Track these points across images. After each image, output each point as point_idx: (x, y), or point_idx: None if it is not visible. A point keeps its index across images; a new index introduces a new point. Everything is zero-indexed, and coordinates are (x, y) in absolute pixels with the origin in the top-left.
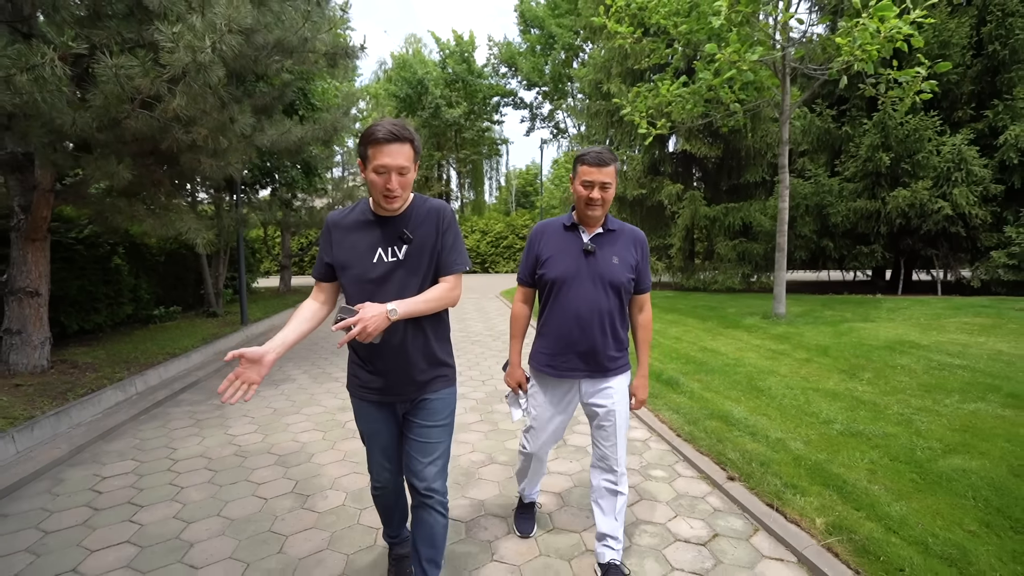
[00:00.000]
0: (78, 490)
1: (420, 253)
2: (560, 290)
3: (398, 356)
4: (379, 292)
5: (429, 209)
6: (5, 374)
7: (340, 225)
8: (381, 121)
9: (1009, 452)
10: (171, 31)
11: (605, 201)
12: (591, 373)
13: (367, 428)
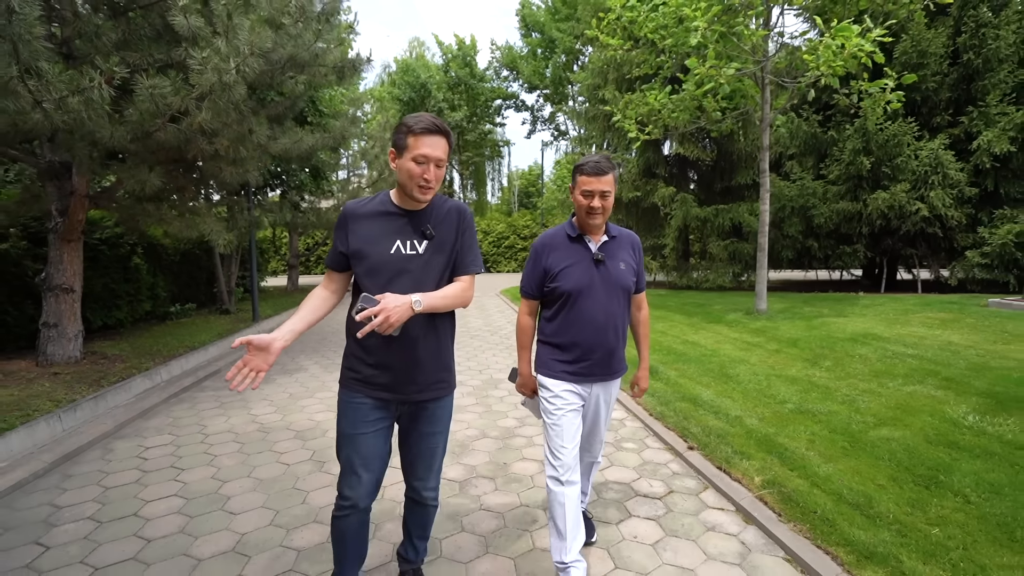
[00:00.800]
0: (127, 457)
1: (439, 250)
2: (577, 301)
3: (410, 352)
4: (393, 284)
5: (450, 208)
6: (43, 364)
7: (358, 214)
8: (421, 114)
9: (928, 424)
10: (201, 55)
11: (606, 209)
12: (604, 376)
13: (353, 429)
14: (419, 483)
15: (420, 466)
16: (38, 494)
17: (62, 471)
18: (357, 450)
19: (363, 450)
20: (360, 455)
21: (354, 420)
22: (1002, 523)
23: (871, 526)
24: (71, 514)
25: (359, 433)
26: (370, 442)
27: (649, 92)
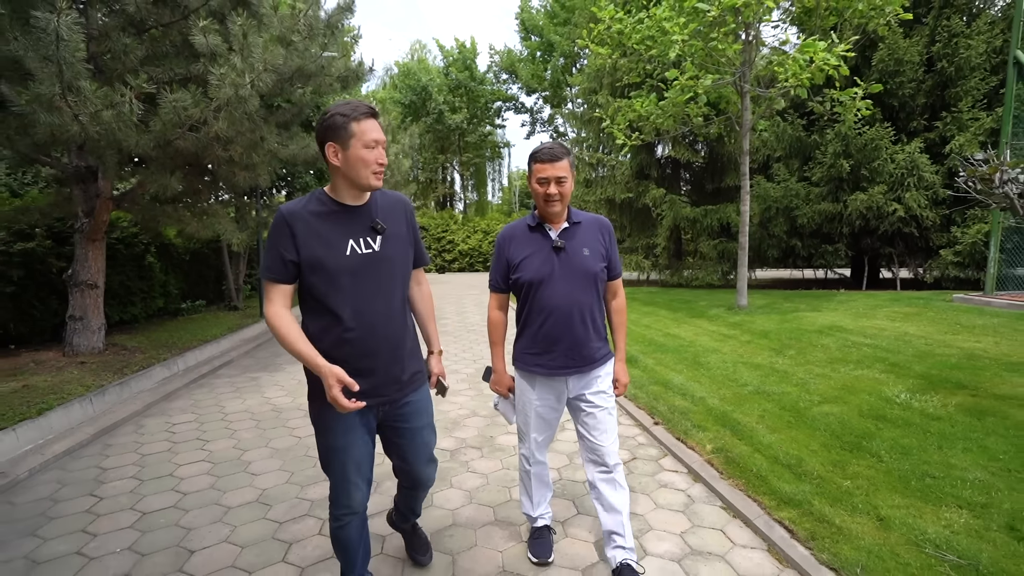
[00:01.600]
0: (157, 431)
1: (394, 244)
2: (537, 290)
3: (391, 355)
4: (356, 286)
5: (394, 200)
6: (69, 354)
7: (299, 216)
8: (350, 100)
9: (865, 402)
10: (219, 72)
11: (563, 195)
12: (579, 367)
13: (341, 441)
14: (423, 479)
15: (418, 460)
16: (85, 459)
17: (102, 442)
18: (348, 459)
19: (355, 458)
20: (354, 463)
21: (337, 431)
22: (902, 476)
23: (796, 481)
24: (116, 474)
25: (347, 443)
26: (359, 450)
27: (636, 99)
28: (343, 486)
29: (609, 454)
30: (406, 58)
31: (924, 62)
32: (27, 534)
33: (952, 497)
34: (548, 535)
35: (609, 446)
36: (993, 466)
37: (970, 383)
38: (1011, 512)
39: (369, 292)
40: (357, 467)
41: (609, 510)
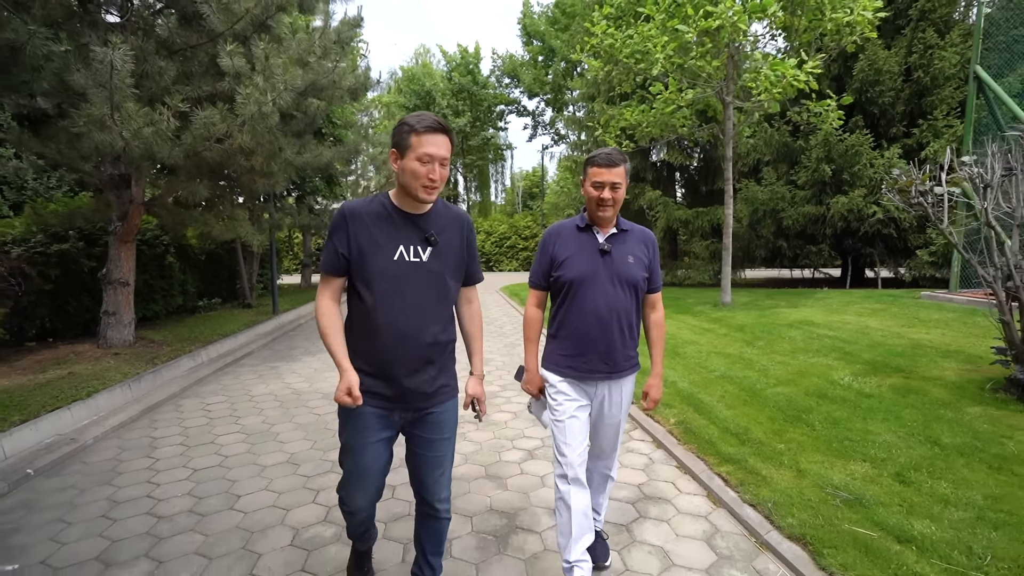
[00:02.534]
0: (194, 410)
1: (444, 257)
2: (579, 291)
3: (415, 363)
4: (396, 291)
5: (454, 215)
6: (103, 346)
7: (358, 215)
8: (422, 112)
9: (813, 384)
10: (245, 91)
11: (616, 201)
12: (610, 374)
13: (358, 440)
14: (428, 495)
15: (429, 477)
16: (137, 430)
17: (148, 418)
18: (359, 461)
19: (365, 461)
20: (362, 466)
21: (356, 430)
22: (827, 440)
23: (739, 445)
24: (166, 442)
25: (362, 443)
26: (373, 453)
27: (627, 109)
28: (348, 484)
29: (612, 462)
30: (410, 62)
31: (903, 72)
32: (103, 483)
33: (860, 454)
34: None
35: (614, 456)
36: (901, 431)
37: (906, 367)
38: (902, 464)
39: (406, 299)
40: (367, 470)
41: (597, 493)
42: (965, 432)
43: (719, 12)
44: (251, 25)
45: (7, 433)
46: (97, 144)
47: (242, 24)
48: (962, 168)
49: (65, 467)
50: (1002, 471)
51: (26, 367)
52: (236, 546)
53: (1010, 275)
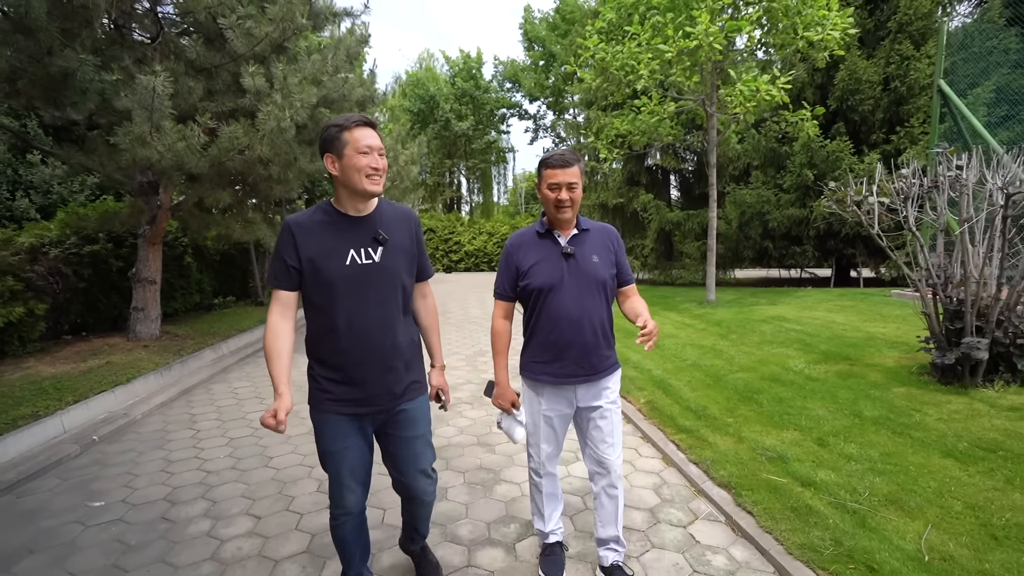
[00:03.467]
0: (224, 393)
1: (396, 255)
2: (547, 297)
3: (383, 366)
4: (353, 295)
5: (400, 213)
6: (133, 339)
7: (304, 226)
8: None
9: (770, 370)
10: (266, 109)
11: (574, 201)
12: (587, 376)
13: (336, 446)
14: (413, 491)
15: (409, 470)
16: (177, 409)
17: (185, 399)
18: (342, 464)
19: (348, 463)
20: (347, 468)
21: (332, 437)
22: (769, 415)
23: (695, 419)
24: (203, 417)
25: (341, 448)
26: (354, 455)
27: (617, 118)
28: (337, 487)
29: (614, 468)
30: (414, 67)
31: (881, 81)
32: (157, 447)
33: (793, 425)
34: (560, 552)
35: (615, 460)
36: (832, 407)
37: (855, 356)
38: (825, 431)
39: (366, 302)
40: (351, 471)
41: (608, 523)
42: (884, 407)
43: (697, 33)
44: (269, 47)
45: (66, 410)
46: (135, 158)
47: (261, 46)
48: (899, 179)
49: (122, 436)
50: (902, 436)
51: (67, 357)
52: (273, 491)
53: (931, 275)
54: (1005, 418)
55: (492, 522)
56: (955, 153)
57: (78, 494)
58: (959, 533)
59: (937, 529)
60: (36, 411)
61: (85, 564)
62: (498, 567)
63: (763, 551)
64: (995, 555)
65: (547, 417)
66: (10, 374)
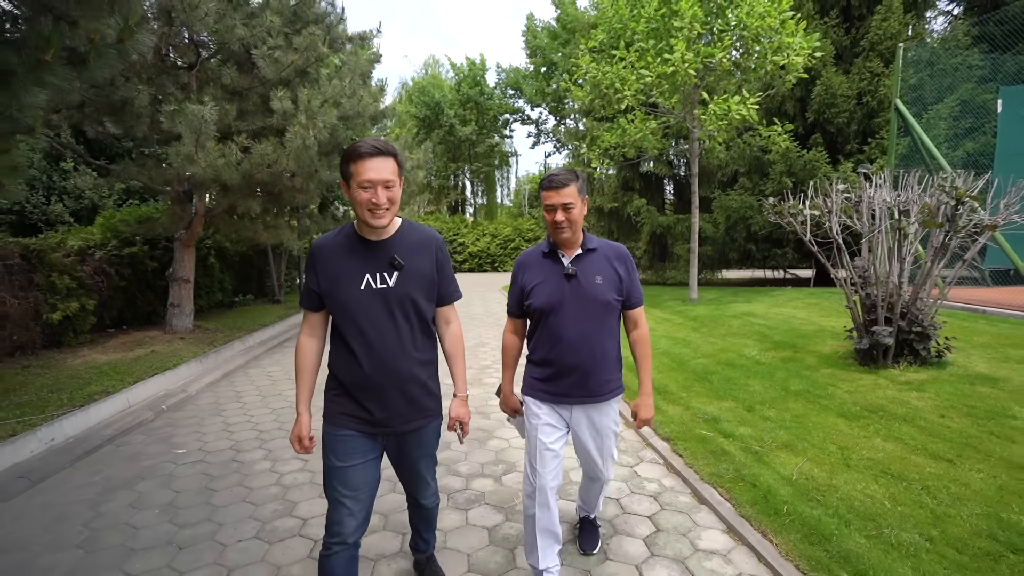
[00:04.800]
0: (259, 375)
1: (411, 280)
2: (548, 318)
3: (399, 389)
4: (367, 319)
5: (422, 236)
6: (170, 332)
7: (324, 250)
8: (363, 139)
9: (727, 357)
10: (293, 129)
11: (571, 222)
12: (584, 399)
13: (342, 462)
14: (417, 497)
15: (415, 484)
16: (223, 387)
17: (227, 380)
18: (346, 483)
19: (353, 482)
20: (350, 487)
21: (342, 453)
22: (716, 391)
23: (656, 395)
24: (246, 394)
25: (348, 466)
26: (359, 474)
27: (607, 132)
28: (335, 508)
29: (603, 479)
30: (420, 73)
31: (855, 96)
32: (214, 415)
33: (732, 397)
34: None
35: (606, 475)
36: (767, 384)
37: (801, 345)
38: (756, 401)
39: (380, 326)
40: (354, 492)
41: (588, 501)
42: (808, 383)
43: (674, 60)
44: (294, 72)
45: (129, 389)
46: (181, 172)
47: (287, 71)
48: (837, 193)
49: (184, 407)
50: (813, 403)
51: (115, 347)
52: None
53: (852, 276)
54: (896, 390)
55: (485, 463)
56: (877, 172)
57: (163, 445)
58: (824, 464)
59: (810, 462)
60: (105, 389)
61: (185, 486)
62: (488, 490)
63: (684, 479)
64: (842, 476)
65: (542, 436)
66: (71, 360)
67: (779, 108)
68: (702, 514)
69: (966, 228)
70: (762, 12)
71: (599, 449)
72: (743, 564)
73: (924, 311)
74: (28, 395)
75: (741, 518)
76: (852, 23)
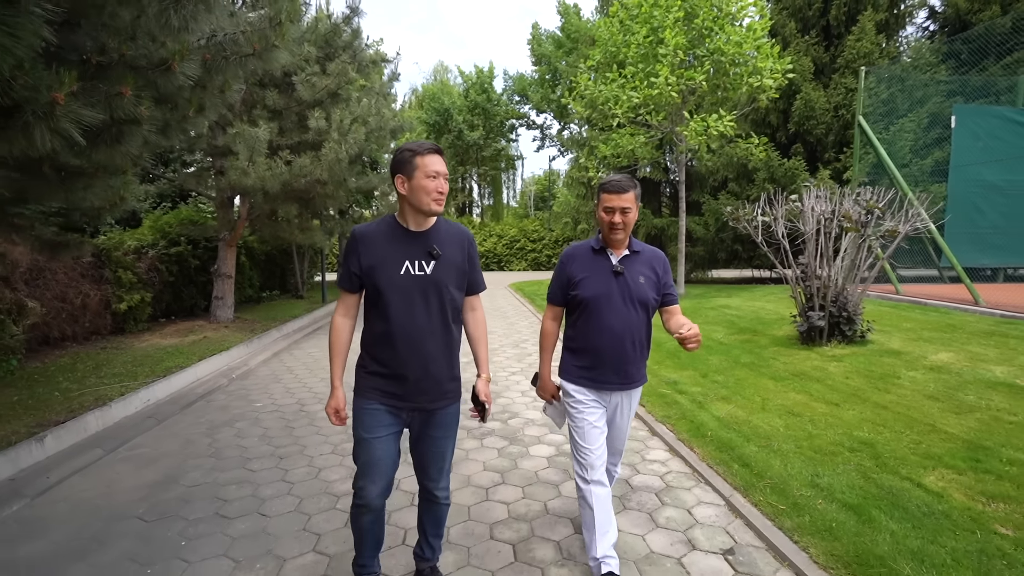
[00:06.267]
0: (302, 355)
1: (446, 269)
2: (594, 309)
3: (424, 367)
4: (404, 301)
5: (455, 232)
6: (215, 322)
7: (368, 236)
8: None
9: (706, 346)
10: (328, 146)
11: (627, 224)
12: (622, 385)
13: (370, 433)
14: (431, 483)
15: (431, 468)
16: (274, 364)
17: (277, 358)
18: (371, 453)
19: (376, 453)
20: (374, 457)
21: (368, 425)
22: (681, 364)
23: None
24: (295, 368)
25: (373, 437)
26: (383, 445)
27: (602, 143)
28: (361, 475)
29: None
30: (429, 79)
31: (832, 109)
32: (275, 382)
33: (692, 368)
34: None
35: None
36: (723, 359)
37: (761, 330)
38: (710, 370)
39: (414, 308)
40: (378, 462)
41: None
42: (756, 357)
43: (659, 83)
44: (327, 95)
45: (196, 364)
46: (233, 183)
47: (321, 94)
48: (790, 202)
49: (247, 377)
50: (755, 371)
51: (171, 334)
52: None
53: (795, 270)
54: (821, 361)
55: (495, 413)
56: (818, 186)
57: (243, 401)
58: (747, 408)
59: (737, 408)
60: (178, 364)
61: (270, 425)
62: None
63: (643, 420)
64: (758, 416)
65: (588, 416)
66: (138, 344)
67: (764, 119)
68: (653, 440)
69: (879, 232)
70: (738, 40)
71: (626, 428)
72: (673, 465)
73: (851, 300)
74: (117, 368)
75: (679, 441)
76: (831, 41)
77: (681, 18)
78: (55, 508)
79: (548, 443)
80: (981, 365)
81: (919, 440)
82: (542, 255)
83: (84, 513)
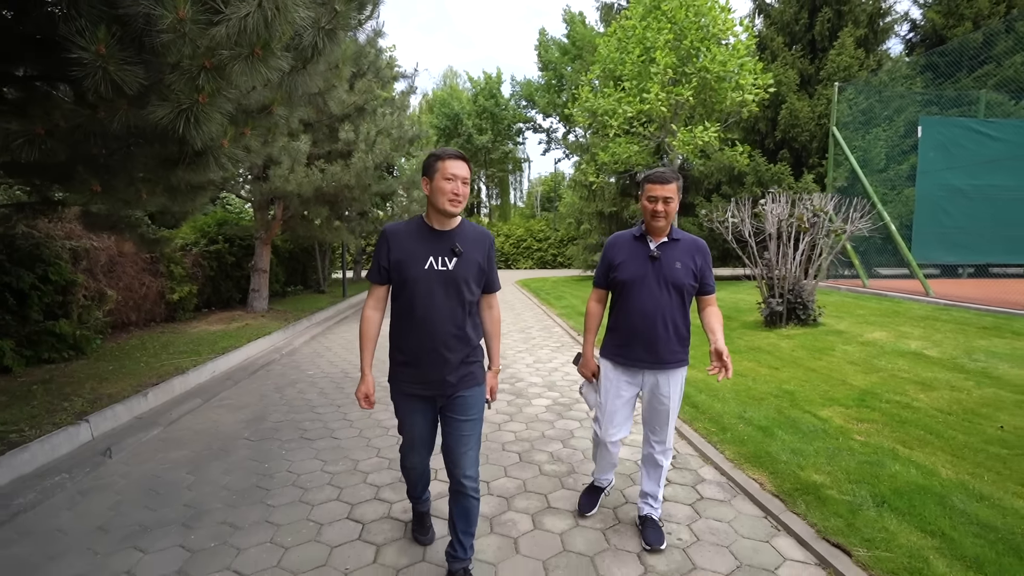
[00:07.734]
0: (334, 339)
1: (466, 267)
2: (629, 290)
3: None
4: (427, 294)
5: (478, 233)
6: (251, 312)
7: (397, 233)
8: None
9: None
10: (357, 156)
11: (668, 213)
12: (653, 364)
13: (407, 419)
14: (456, 469)
15: (456, 451)
16: (313, 345)
17: (315, 341)
18: (408, 433)
19: (413, 432)
20: (417, 436)
21: (404, 412)
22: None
23: None
24: (332, 348)
25: (413, 422)
26: (419, 425)
27: (601, 151)
28: (406, 448)
29: (666, 442)
30: (439, 84)
31: (816, 118)
32: (318, 357)
33: None
34: (596, 494)
35: (668, 438)
36: (696, 339)
37: (735, 316)
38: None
39: (434, 300)
40: (419, 438)
41: (651, 479)
42: (724, 337)
43: (650, 99)
44: (354, 109)
45: (246, 346)
46: (274, 188)
47: (349, 109)
48: (761, 207)
49: (293, 355)
50: None
51: (216, 322)
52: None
53: (760, 265)
54: (777, 339)
55: (505, 379)
56: (783, 192)
57: (296, 371)
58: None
59: (698, 372)
60: (232, 345)
61: (325, 387)
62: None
63: None
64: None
65: (618, 391)
66: (190, 330)
67: (753, 127)
68: None
69: (828, 232)
70: (723, 60)
71: (666, 411)
72: None
73: (806, 289)
74: (181, 348)
75: None
76: (816, 54)
77: (671, 39)
78: (183, 433)
79: (546, 398)
80: (903, 340)
81: (828, 390)
82: (547, 254)
83: (206, 435)
